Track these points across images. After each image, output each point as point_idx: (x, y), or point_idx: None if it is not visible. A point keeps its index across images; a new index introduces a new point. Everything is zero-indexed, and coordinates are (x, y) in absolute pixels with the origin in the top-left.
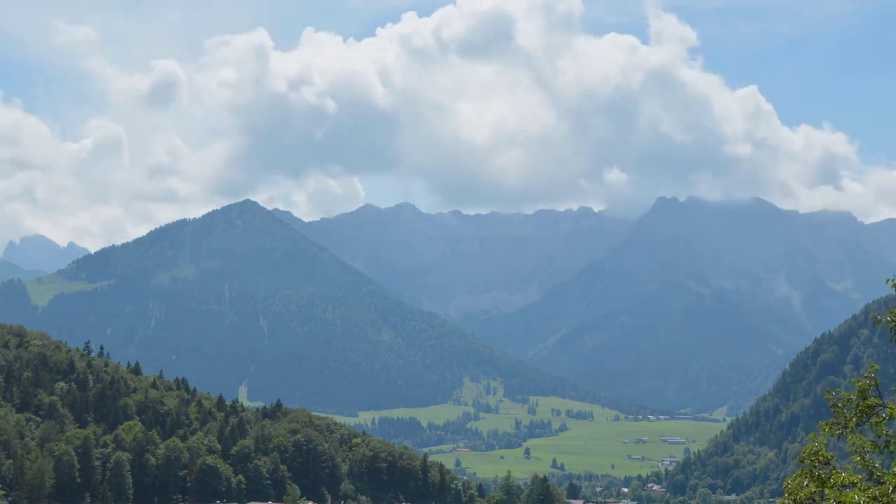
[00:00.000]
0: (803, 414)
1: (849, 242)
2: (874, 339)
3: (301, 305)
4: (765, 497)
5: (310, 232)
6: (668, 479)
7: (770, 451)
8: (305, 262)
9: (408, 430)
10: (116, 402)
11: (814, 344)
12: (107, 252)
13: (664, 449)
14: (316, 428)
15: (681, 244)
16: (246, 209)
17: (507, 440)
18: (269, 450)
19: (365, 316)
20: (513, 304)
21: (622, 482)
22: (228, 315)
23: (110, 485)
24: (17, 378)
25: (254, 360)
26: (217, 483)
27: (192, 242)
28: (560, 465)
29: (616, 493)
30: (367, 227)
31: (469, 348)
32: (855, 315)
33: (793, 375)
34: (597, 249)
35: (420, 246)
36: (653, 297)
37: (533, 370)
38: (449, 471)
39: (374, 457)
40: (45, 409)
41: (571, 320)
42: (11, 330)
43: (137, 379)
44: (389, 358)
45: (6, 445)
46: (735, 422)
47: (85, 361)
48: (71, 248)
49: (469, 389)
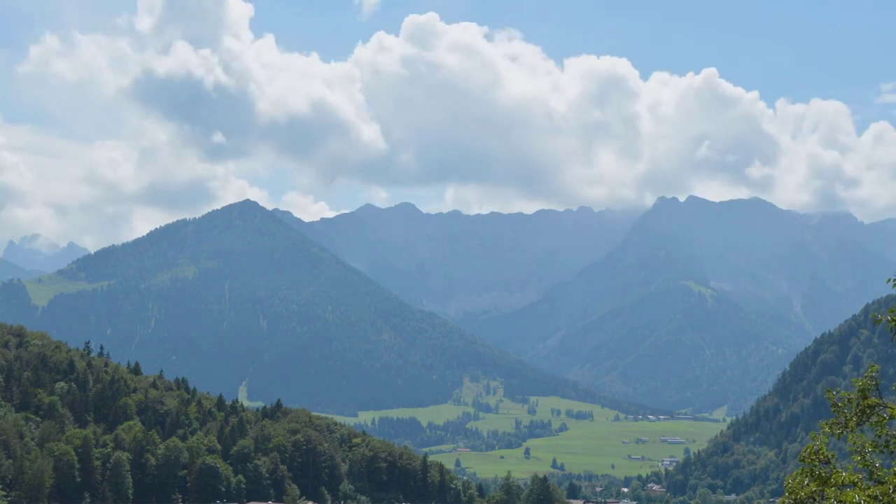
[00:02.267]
0: (803, 414)
1: (849, 242)
2: (874, 340)
3: (301, 305)
4: (765, 497)
5: (310, 232)
6: (668, 479)
7: (770, 451)
8: (305, 262)
9: (408, 430)
10: (116, 402)
11: (814, 344)
12: (107, 252)
13: (664, 449)
14: (316, 428)
15: (681, 244)
16: (246, 209)
17: (507, 440)
18: (269, 450)
19: (365, 316)
20: (513, 304)
21: (622, 482)
22: (228, 315)
23: (110, 485)
24: (17, 378)
25: (254, 360)
26: (217, 483)
27: (192, 242)
28: (560, 465)
29: (616, 493)
30: (367, 227)
31: (469, 348)
32: (855, 315)
33: (793, 375)
34: (597, 249)
35: (420, 246)
36: (653, 297)
37: (533, 370)
38: (449, 471)
39: (374, 457)
40: (45, 409)
41: (571, 320)
42: (11, 330)
43: (137, 379)
44: (389, 358)
45: (6, 445)
46: (735, 422)
47: (85, 361)
48: (71, 248)
49: (469, 389)
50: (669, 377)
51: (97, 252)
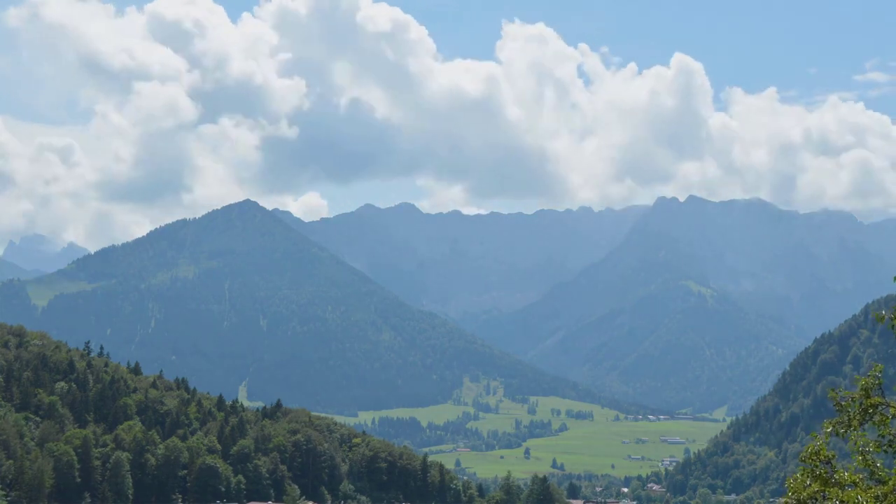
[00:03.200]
0: (803, 414)
1: (849, 242)
2: (874, 339)
3: (301, 305)
4: (765, 497)
5: (310, 232)
6: (668, 479)
7: (770, 451)
8: (305, 262)
9: (408, 430)
10: (116, 402)
11: (814, 344)
12: (107, 252)
13: (664, 449)
14: (316, 428)
15: (681, 244)
16: (246, 209)
17: (507, 440)
18: (269, 450)
19: (365, 316)
20: (513, 304)
21: (622, 482)
22: (228, 315)
23: (110, 485)
24: (17, 378)
25: (254, 360)
26: (217, 483)
27: (192, 242)
28: (560, 465)
29: (616, 493)
30: (367, 227)
31: (469, 348)
32: (855, 315)
33: (793, 375)
34: (597, 249)
35: (420, 246)
36: (653, 297)
37: (533, 370)
38: (449, 471)
39: (374, 457)
40: (44, 408)
41: (571, 320)
42: (11, 330)
43: (137, 379)
44: (389, 358)
45: (6, 445)
46: (735, 422)
47: (85, 361)
48: (71, 248)
49: (469, 389)
50: (669, 377)
51: (97, 252)
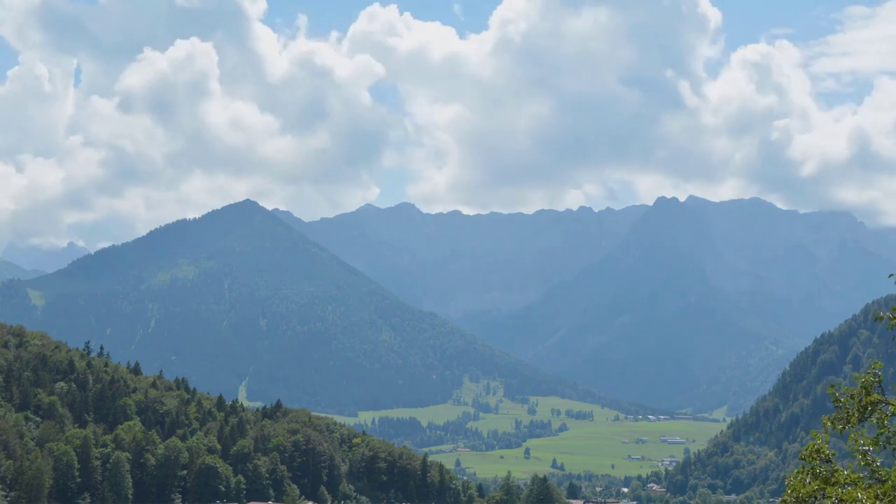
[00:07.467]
0: (803, 414)
1: (849, 242)
2: (874, 339)
3: (301, 305)
4: (765, 497)
5: (310, 232)
6: (668, 479)
7: (770, 451)
8: (305, 262)
9: (408, 430)
10: (116, 402)
11: (814, 344)
12: (107, 252)
13: (664, 449)
14: (316, 428)
15: (681, 244)
16: (246, 209)
17: (506, 440)
18: (269, 450)
19: (365, 316)
20: (513, 304)
21: (622, 482)
22: (228, 315)
23: (110, 485)
24: (16, 378)
25: (254, 360)
26: (216, 483)
27: (192, 242)
28: (560, 465)
29: (616, 493)
30: (367, 227)
31: (469, 348)
32: (855, 315)
33: (793, 375)
34: (597, 249)
35: (420, 246)
36: (653, 297)
37: (533, 370)
38: (449, 471)
39: (374, 457)
40: (44, 408)
41: (571, 320)
42: (11, 330)
43: (137, 379)
44: (389, 358)
45: (6, 445)
46: (735, 422)
47: (85, 361)
48: (71, 248)
49: (469, 389)
50: (669, 377)
51: (97, 252)
